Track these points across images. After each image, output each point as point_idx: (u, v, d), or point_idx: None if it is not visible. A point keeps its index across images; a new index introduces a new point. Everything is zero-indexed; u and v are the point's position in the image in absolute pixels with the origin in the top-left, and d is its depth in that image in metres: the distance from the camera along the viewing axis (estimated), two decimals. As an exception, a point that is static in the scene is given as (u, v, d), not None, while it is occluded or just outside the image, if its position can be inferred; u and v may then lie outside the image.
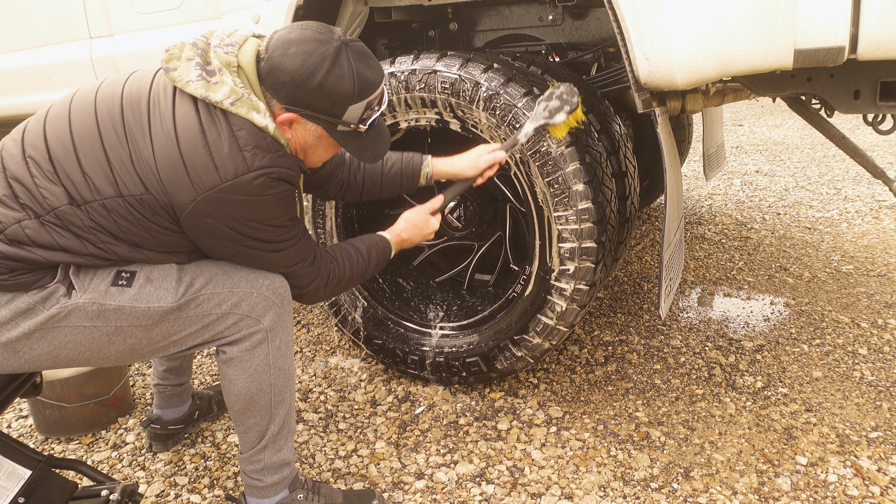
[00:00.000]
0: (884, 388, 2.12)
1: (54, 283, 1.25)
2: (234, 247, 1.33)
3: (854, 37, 1.48)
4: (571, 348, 2.48)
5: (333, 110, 1.30)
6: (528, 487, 1.75)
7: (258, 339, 1.39)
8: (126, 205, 1.24)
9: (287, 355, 1.45)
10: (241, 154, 1.23)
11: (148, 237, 1.29)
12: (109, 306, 1.27)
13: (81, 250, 1.26)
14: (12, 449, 1.42)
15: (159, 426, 1.94)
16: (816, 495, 1.67)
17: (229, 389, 1.43)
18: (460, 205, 2.26)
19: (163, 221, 1.27)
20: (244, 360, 1.39)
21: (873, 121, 1.95)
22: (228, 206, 1.25)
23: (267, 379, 1.42)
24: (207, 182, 1.22)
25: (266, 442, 1.48)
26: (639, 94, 1.71)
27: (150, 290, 1.30)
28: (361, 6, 2.20)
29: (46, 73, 2.83)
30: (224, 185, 1.22)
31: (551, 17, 2.32)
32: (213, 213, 1.25)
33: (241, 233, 1.30)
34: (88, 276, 1.28)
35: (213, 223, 1.27)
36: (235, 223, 1.28)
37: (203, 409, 2.05)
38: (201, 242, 1.33)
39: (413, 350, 2.22)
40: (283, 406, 1.47)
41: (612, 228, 1.94)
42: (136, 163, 1.24)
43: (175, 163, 1.22)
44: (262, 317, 1.38)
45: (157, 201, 1.24)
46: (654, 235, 3.76)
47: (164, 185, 1.23)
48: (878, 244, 3.42)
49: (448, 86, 1.89)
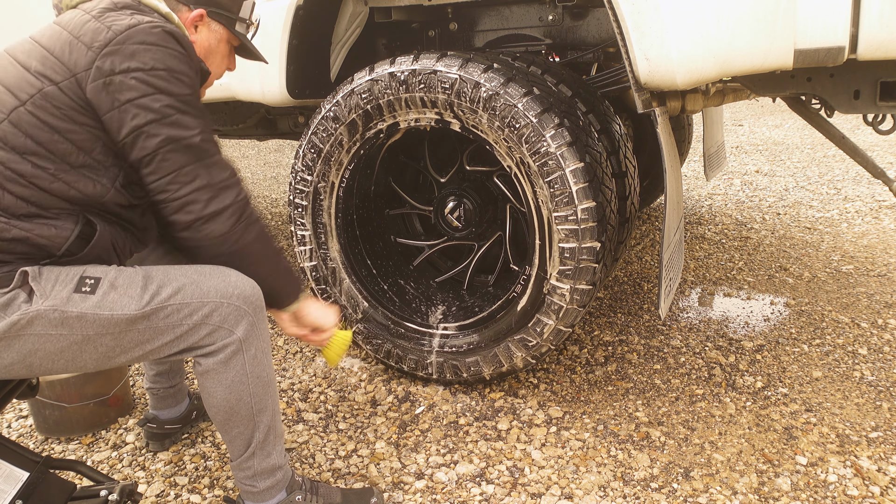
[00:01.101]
0: (884, 388, 2.12)
1: (12, 289, 1.20)
2: (148, 113, 1.23)
3: (854, 37, 1.48)
4: (571, 348, 2.48)
5: (232, 6, 1.48)
6: (528, 487, 1.75)
7: (232, 350, 1.35)
8: (31, 111, 1.20)
9: (264, 363, 1.41)
10: (138, 16, 1.26)
11: (68, 146, 1.23)
12: (71, 314, 1.22)
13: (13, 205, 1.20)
14: (9, 451, 1.39)
15: (155, 425, 1.94)
16: (816, 495, 1.67)
17: (209, 402, 1.40)
18: (460, 204, 2.26)
19: (74, 114, 1.22)
20: (220, 373, 1.36)
21: (873, 121, 1.95)
22: (130, 56, 1.21)
23: (245, 389, 1.39)
24: (102, 39, 1.21)
25: (253, 449, 1.45)
26: (639, 94, 1.71)
27: (114, 297, 1.25)
28: (361, 6, 2.20)
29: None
30: (119, 36, 1.22)
31: (551, 17, 2.32)
32: (117, 68, 1.21)
33: (152, 86, 1.22)
34: (50, 281, 1.22)
35: (119, 80, 1.21)
36: (142, 74, 1.22)
37: (201, 410, 2.04)
38: (116, 117, 1.23)
39: (413, 350, 2.22)
40: (265, 413, 1.44)
41: (612, 228, 1.94)
42: (24, 64, 1.23)
43: (64, 39, 1.23)
44: (235, 327, 1.34)
45: (58, 89, 1.20)
46: (654, 235, 3.76)
47: (59, 61, 1.22)
48: (878, 244, 3.42)
49: (448, 86, 1.89)
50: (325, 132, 2.12)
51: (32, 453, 1.43)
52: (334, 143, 2.13)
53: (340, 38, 2.31)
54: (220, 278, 1.34)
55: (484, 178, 2.32)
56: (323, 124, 2.12)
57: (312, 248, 2.28)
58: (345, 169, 2.19)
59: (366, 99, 2.03)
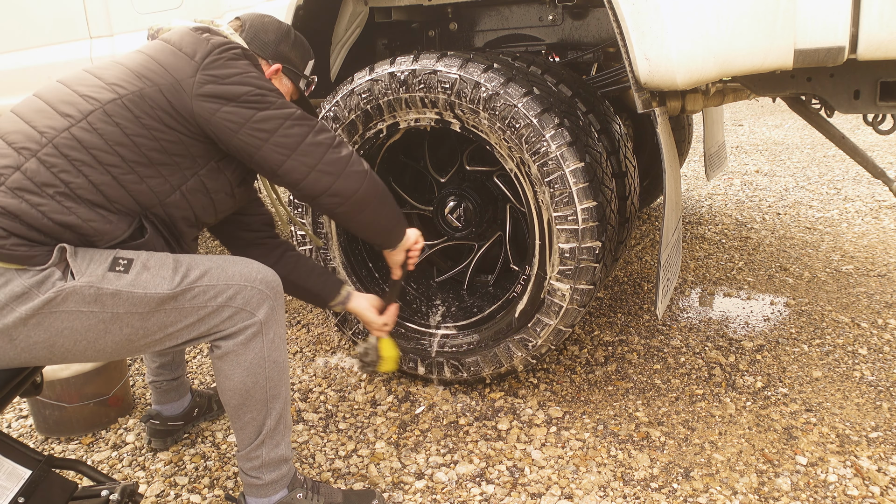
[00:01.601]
0: (884, 388, 2.12)
1: (49, 266, 1.24)
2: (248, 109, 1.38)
3: (854, 37, 1.48)
4: (571, 348, 2.48)
5: (301, 65, 1.65)
6: (528, 487, 1.75)
7: (253, 332, 1.40)
8: (126, 105, 1.31)
9: (281, 348, 1.46)
10: (228, 41, 1.43)
11: (152, 143, 1.34)
12: (107, 290, 1.27)
13: (84, 188, 1.28)
14: (12, 448, 1.40)
15: (159, 422, 1.95)
16: (816, 495, 1.67)
17: (225, 385, 1.43)
18: (460, 205, 2.26)
19: (165, 117, 1.34)
20: (239, 354, 1.40)
21: (873, 121, 1.95)
22: (226, 67, 1.37)
23: (262, 372, 1.42)
24: (202, 51, 1.37)
25: (263, 437, 1.48)
26: (639, 94, 1.71)
27: (147, 277, 1.30)
28: (361, 6, 2.20)
29: (47, 73, 2.83)
30: (218, 49, 1.39)
31: (551, 17, 2.32)
32: (217, 75, 1.36)
33: (249, 83, 1.39)
34: (85, 260, 1.28)
35: (222, 90, 1.36)
36: (240, 87, 1.38)
37: (203, 408, 2.06)
38: (217, 126, 1.37)
39: (413, 350, 2.22)
40: (278, 400, 1.48)
41: (612, 228, 1.94)
42: (131, 66, 1.36)
43: (167, 50, 1.38)
44: (257, 310, 1.39)
45: (160, 92, 1.33)
46: (654, 235, 3.76)
47: (164, 67, 1.35)
48: (878, 244, 3.42)
49: (448, 86, 1.89)
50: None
51: (35, 452, 1.44)
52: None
53: (340, 38, 2.31)
54: (243, 265, 1.42)
55: (484, 179, 2.32)
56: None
57: (312, 248, 2.28)
58: (345, 169, 2.19)
59: (366, 99, 2.03)
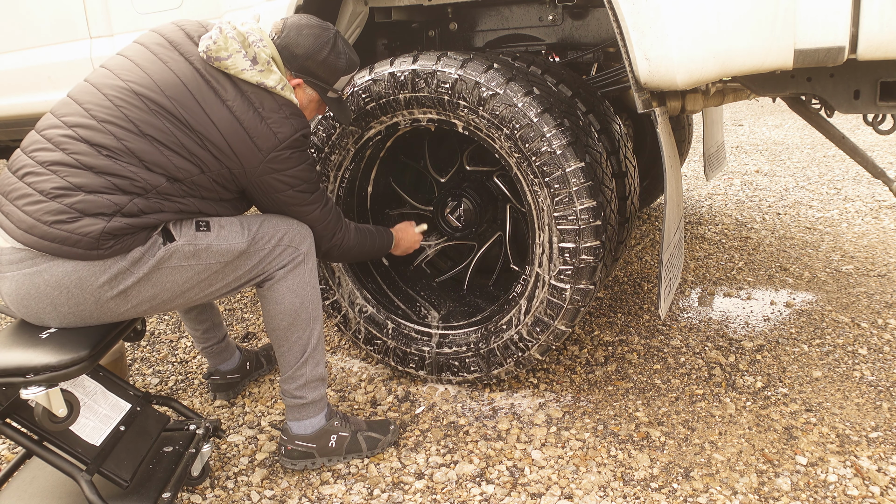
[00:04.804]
0: (884, 388, 2.12)
1: (156, 234, 1.55)
2: (287, 193, 1.69)
3: (854, 37, 1.48)
4: (571, 348, 2.48)
5: (329, 79, 1.75)
6: (528, 487, 1.75)
7: (299, 260, 1.72)
8: (210, 179, 1.60)
9: (316, 277, 1.77)
10: (288, 121, 1.63)
11: (213, 195, 1.65)
12: (201, 245, 1.59)
13: (171, 208, 1.58)
14: (116, 385, 1.68)
15: (218, 377, 2.21)
16: (816, 495, 1.67)
17: (276, 310, 1.71)
18: (460, 204, 2.26)
19: (229, 185, 1.64)
20: (289, 279, 1.70)
21: (873, 121, 1.95)
22: (285, 160, 1.64)
23: (307, 293, 1.73)
24: (269, 145, 1.60)
25: (307, 355, 1.75)
26: (639, 94, 1.71)
27: (225, 233, 1.63)
28: (361, 6, 2.20)
29: (46, 73, 2.83)
30: (281, 145, 1.62)
31: (551, 17, 2.32)
32: (275, 168, 1.64)
33: (295, 177, 1.67)
34: (178, 227, 1.58)
35: (276, 176, 1.65)
36: (290, 172, 1.66)
37: (253, 362, 2.31)
38: (262, 195, 1.69)
39: (413, 350, 2.22)
40: (318, 321, 1.78)
41: (612, 228, 1.94)
42: (209, 146, 1.57)
43: (241, 136, 1.58)
44: (301, 244, 1.72)
45: (230, 172, 1.61)
46: (654, 235, 3.76)
47: (237, 156, 1.59)
48: (878, 244, 3.42)
49: (448, 86, 1.89)
50: (324, 133, 2.13)
51: (135, 388, 1.73)
52: (334, 143, 2.13)
53: (340, 38, 2.30)
54: (283, 217, 1.74)
55: (484, 178, 2.32)
56: (323, 125, 2.12)
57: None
58: (345, 169, 2.19)
59: (365, 99, 2.03)
